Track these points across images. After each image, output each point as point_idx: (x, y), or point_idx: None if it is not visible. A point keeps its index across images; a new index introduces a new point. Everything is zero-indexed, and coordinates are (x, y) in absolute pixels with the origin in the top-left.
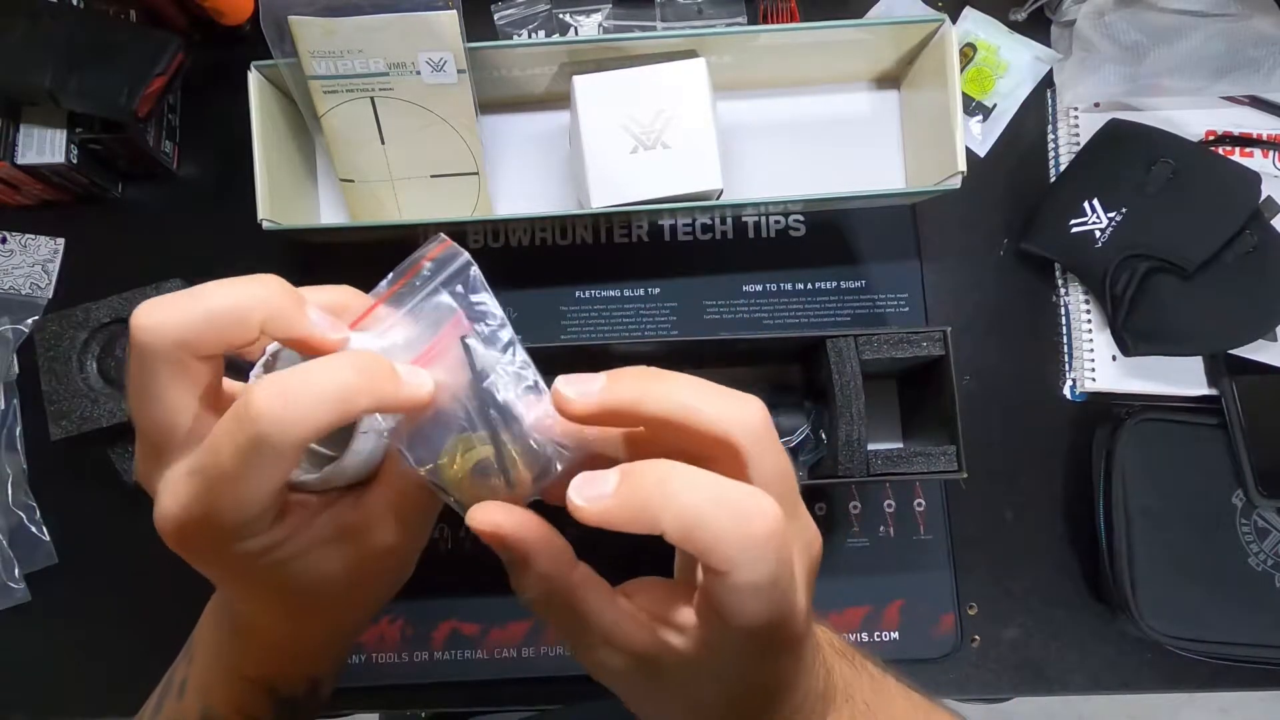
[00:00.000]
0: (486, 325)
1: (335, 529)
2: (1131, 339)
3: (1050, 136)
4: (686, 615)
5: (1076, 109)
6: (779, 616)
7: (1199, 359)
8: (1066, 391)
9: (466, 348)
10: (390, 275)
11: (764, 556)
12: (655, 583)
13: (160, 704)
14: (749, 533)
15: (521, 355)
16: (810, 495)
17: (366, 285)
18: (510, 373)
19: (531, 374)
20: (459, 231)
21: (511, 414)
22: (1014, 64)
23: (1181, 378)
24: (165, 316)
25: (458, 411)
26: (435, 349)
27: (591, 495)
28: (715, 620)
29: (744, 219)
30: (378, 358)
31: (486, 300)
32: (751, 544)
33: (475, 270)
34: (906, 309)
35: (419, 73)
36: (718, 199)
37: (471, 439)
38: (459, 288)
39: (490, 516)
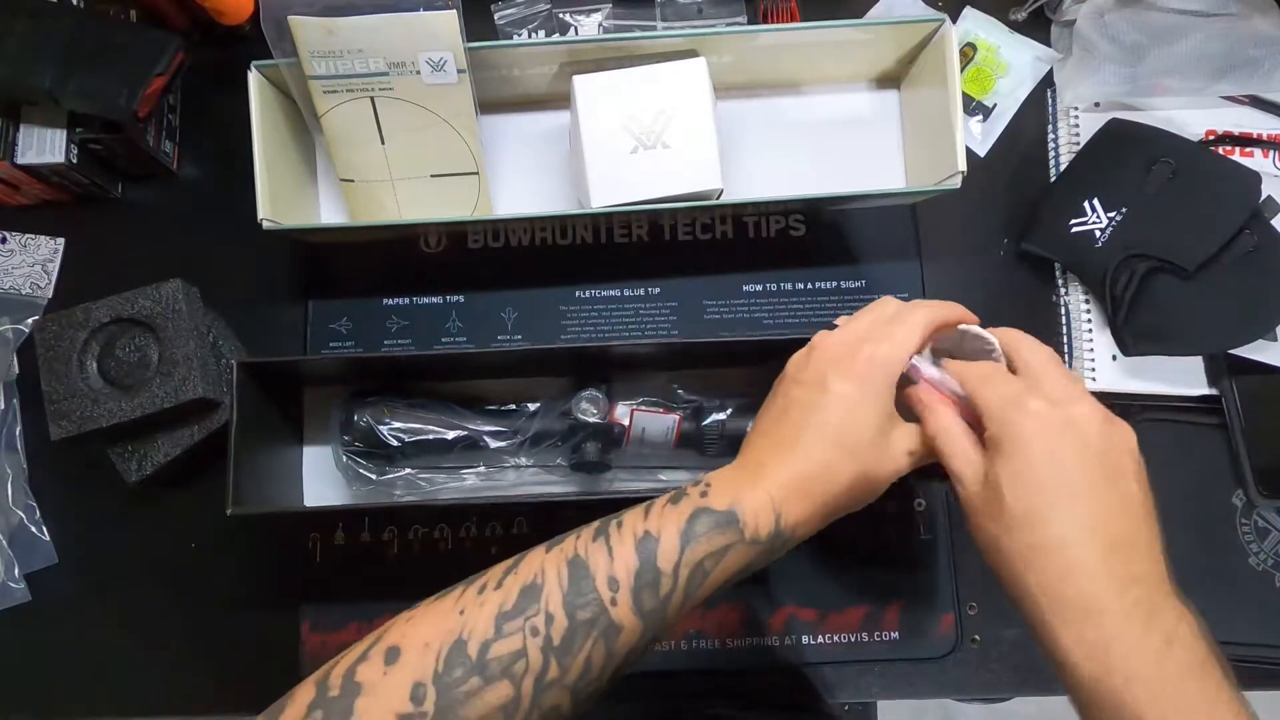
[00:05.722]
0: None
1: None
2: (1131, 339)
3: (1050, 136)
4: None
5: (1076, 109)
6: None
7: (1199, 359)
8: None
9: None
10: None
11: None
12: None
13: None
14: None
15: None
16: None
17: (365, 283)
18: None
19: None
20: (458, 231)
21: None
22: (1014, 64)
23: (1181, 378)
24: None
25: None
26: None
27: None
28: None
29: (744, 219)
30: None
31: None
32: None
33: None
34: None
35: (419, 73)
36: (718, 199)
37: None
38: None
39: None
